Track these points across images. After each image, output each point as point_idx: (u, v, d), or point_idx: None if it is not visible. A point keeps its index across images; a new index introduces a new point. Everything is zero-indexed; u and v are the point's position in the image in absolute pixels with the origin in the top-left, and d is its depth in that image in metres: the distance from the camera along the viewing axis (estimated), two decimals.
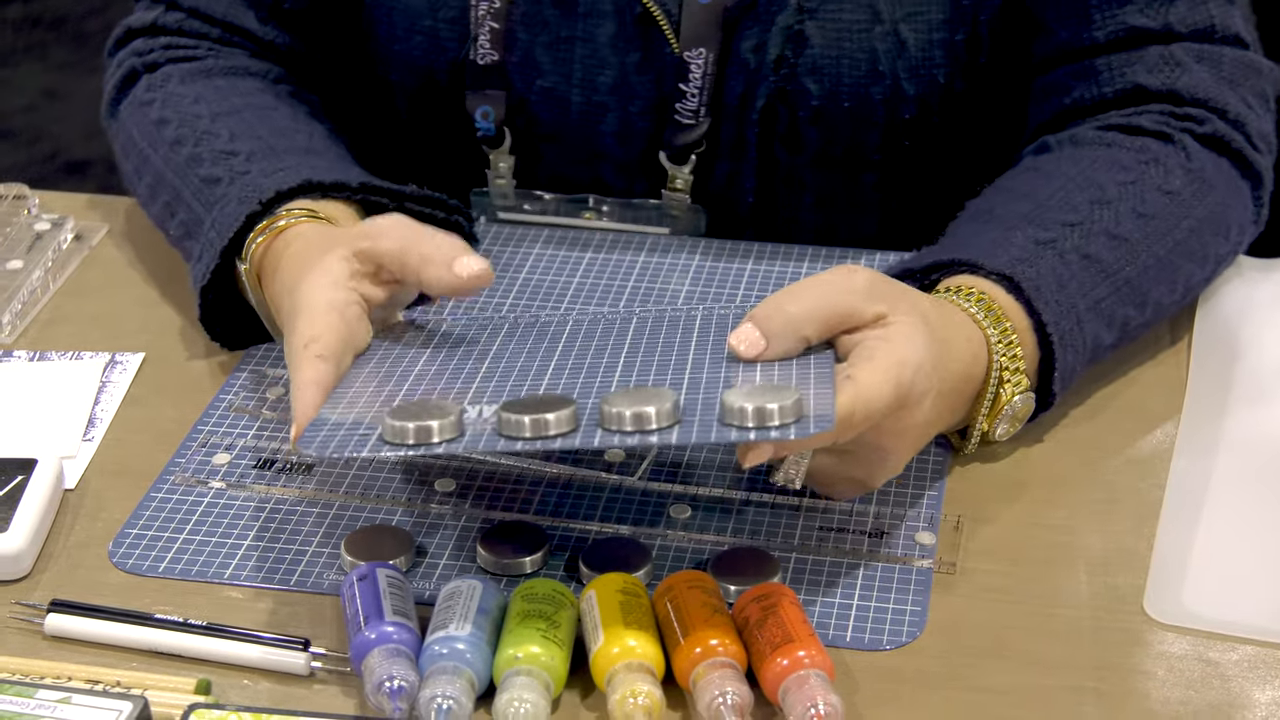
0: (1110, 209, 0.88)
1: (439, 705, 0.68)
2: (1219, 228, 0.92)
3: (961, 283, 0.83)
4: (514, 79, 1.00)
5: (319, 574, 0.78)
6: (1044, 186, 0.90)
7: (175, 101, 0.98)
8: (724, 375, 0.74)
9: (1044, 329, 0.82)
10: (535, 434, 0.70)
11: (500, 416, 0.70)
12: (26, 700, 0.68)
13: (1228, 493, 0.82)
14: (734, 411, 0.69)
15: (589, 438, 0.70)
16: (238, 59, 1.02)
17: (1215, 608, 0.75)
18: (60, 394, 0.91)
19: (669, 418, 0.70)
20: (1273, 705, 0.71)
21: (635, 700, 0.68)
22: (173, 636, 0.74)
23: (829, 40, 0.96)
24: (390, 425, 0.71)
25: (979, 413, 0.82)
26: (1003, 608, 0.76)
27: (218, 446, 0.86)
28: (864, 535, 0.79)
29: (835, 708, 0.67)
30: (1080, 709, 0.71)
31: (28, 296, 0.99)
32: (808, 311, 0.75)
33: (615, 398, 0.71)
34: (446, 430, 0.70)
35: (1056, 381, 0.83)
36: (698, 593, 0.72)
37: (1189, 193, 0.91)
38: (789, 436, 0.68)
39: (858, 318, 0.75)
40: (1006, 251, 0.84)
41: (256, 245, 0.87)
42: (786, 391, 0.70)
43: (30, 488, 0.80)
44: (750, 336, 0.75)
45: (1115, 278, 0.86)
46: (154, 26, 1.04)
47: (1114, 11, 0.95)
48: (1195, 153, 0.92)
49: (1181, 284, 0.91)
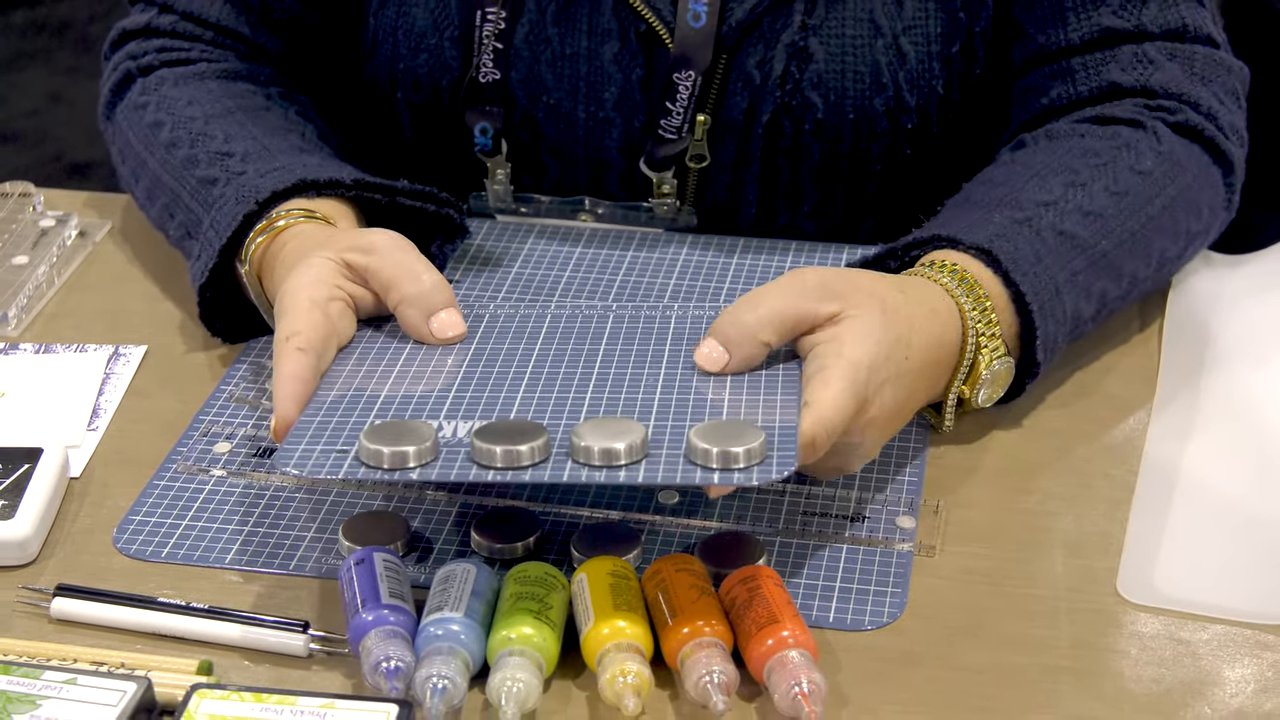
0: (1084, 189, 0.88)
1: (434, 685, 0.68)
2: (1190, 206, 0.93)
3: (937, 257, 0.84)
4: (518, 96, 1.00)
5: (318, 559, 0.78)
6: (1020, 174, 0.91)
7: (169, 104, 0.98)
8: (693, 398, 0.74)
9: (1022, 299, 0.82)
10: (507, 464, 0.70)
11: (474, 444, 0.71)
12: (33, 681, 0.68)
13: (1197, 478, 0.82)
14: (699, 452, 0.70)
15: (558, 471, 0.70)
16: (230, 62, 1.02)
17: (1186, 589, 0.76)
18: (65, 385, 0.90)
19: (637, 453, 0.70)
20: (1241, 683, 0.71)
21: (625, 679, 0.68)
22: (175, 619, 0.74)
23: (833, 54, 0.96)
24: (366, 448, 0.71)
25: (955, 381, 0.82)
26: (981, 589, 0.76)
27: (218, 436, 0.86)
28: (846, 519, 0.79)
29: (818, 685, 0.67)
30: (1056, 687, 0.71)
31: (33, 291, 0.98)
32: (763, 319, 0.76)
33: (585, 430, 0.71)
34: (423, 455, 0.71)
35: (1039, 350, 0.83)
36: (685, 575, 0.72)
37: (1160, 172, 0.91)
38: (751, 480, 0.69)
39: (812, 319, 0.76)
40: (984, 229, 0.85)
41: (256, 246, 0.87)
42: (751, 432, 0.70)
43: (36, 476, 0.80)
44: (713, 353, 0.76)
45: (1091, 251, 0.87)
46: (148, 29, 1.03)
47: (1088, 14, 0.95)
48: (1166, 137, 0.92)
49: (1156, 258, 0.91)
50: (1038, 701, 0.70)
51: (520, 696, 0.68)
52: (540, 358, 0.80)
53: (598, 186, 1.02)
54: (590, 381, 0.77)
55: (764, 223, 1.02)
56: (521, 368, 0.79)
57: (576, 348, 0.81)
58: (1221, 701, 0.70)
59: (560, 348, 0.81)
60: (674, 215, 1.01)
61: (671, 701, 0.70)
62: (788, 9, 0.96)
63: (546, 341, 0.81)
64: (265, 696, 0.68)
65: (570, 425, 0.73)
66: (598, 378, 0.78)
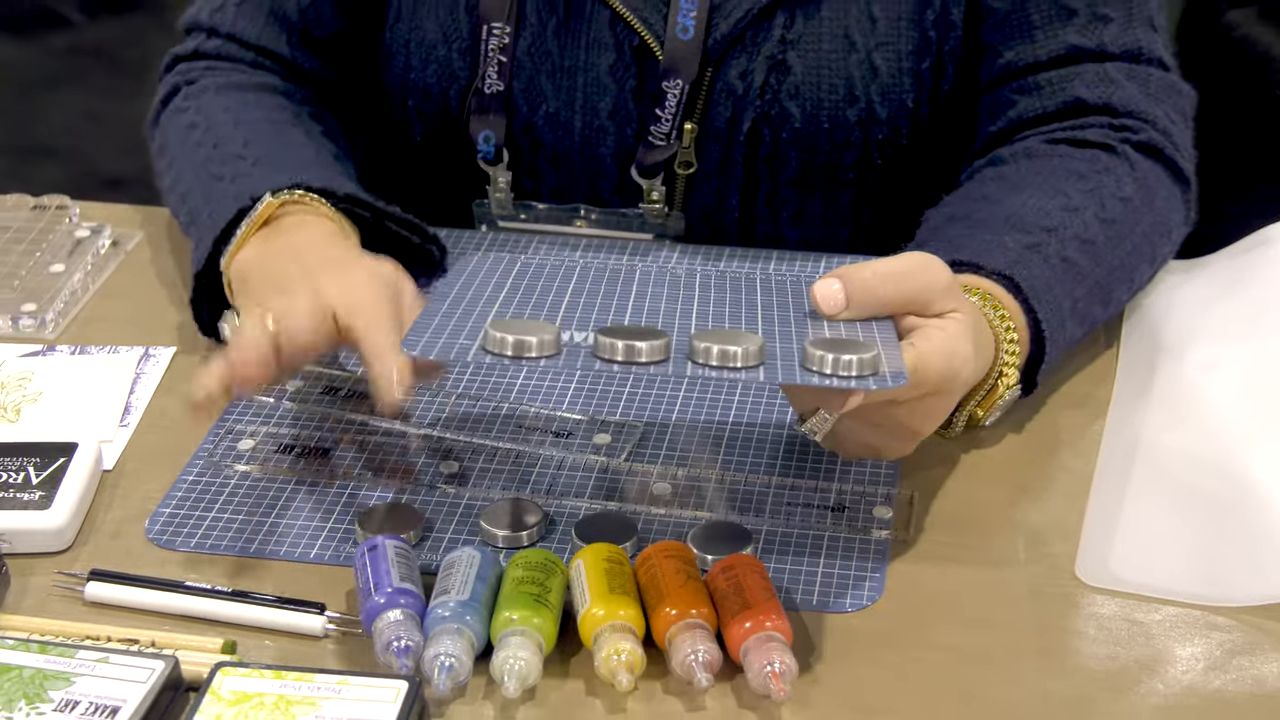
0: (1079, 215, 0.88)
1: (442, 663, 0.68)
2: (1163, 230, 0.93)
3: (968, 282, 0.82)
4: (519, 105, 1.00)
5: (335, 547, 0.78)
6: (1015, 194, 0.90)
7: (206, 109, 0.99)
8: (794, 328, 0.72)
9: (1038, 326, 0.82)
10: (628, 358, 0.67)
11: (596, 339, 0.68)
12: (68, 660, 0.69)
13: (1151, 471, 0.82)
14: (815, 359, 0.68)
15: (679, 368, 0.67)
16: (269, 79, 1.03)
17: (1140, 573, 0.76)
18: (99, 384, 0.91)
19: (755, 358, 0.68)
20: (1192, 660, 0.71)
21: (619, 658, 0.68)
22: (201, 602, 0.74)
23: (809, 68, 0.96)
24: (491, 334, 0.68)
25: (972, 400, 0.81)
26: (951, 575, 0.76)
27: (243, 433, 0.86)
28: (828, 510, 0.80)
29: (789, 666, 0.67)
30: (1020, 664, 0.71)
31: (69, 297, 0.99)
32: (893, 292, 0.73)
33: (705, 334, 0.69)
34: (546, 347, 0.68)
35: (1041, 373, 0.83)
36: (675, 562, 0.73)
37: (1139, 199, 0.91)
38: (869, 387, 0.67)
39: (930, 309, 0.74)
40: (1002, 254, 0.84)
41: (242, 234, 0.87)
42: (865, 346, 0.68)
43: (71, 469, 0.81)
44: (835, 296, 0.73)
45: (1089, 279, 0.86)
46: (196, 53, 1.05)
47: (1055, 32, 0.96)
48: (1138, 162, 0.93)
49: (1136, 283, 0.92)
50: (1004, 678, 0.70)
51: (521, 673, 0.68)
52: (654, 295, 0.77)
53: (593, 192, 1.02)
54: (705, 311, 0.74)
55: (747, 229, 1.03)
56: (638, 301, 0.76)
57: (686, 292, 0.77)
58: (1174, 678, 0.70)
59: (670, 290, 0.77)
60: (663, 220, 1.02)
61: (660, 678, 0.70)
62: (768, 23, 0.96)
63: (656, 283, 0.78)
64: (284, 673, 0.68)
65: (686, 338, 0.70)
66: (712, 311, 0.75)
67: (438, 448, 0.84)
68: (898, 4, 0.96)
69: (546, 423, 0.85)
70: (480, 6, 0.98)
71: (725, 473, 0.82)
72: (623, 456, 0.83)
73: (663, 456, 0.83)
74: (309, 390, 0.88)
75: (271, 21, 1.03)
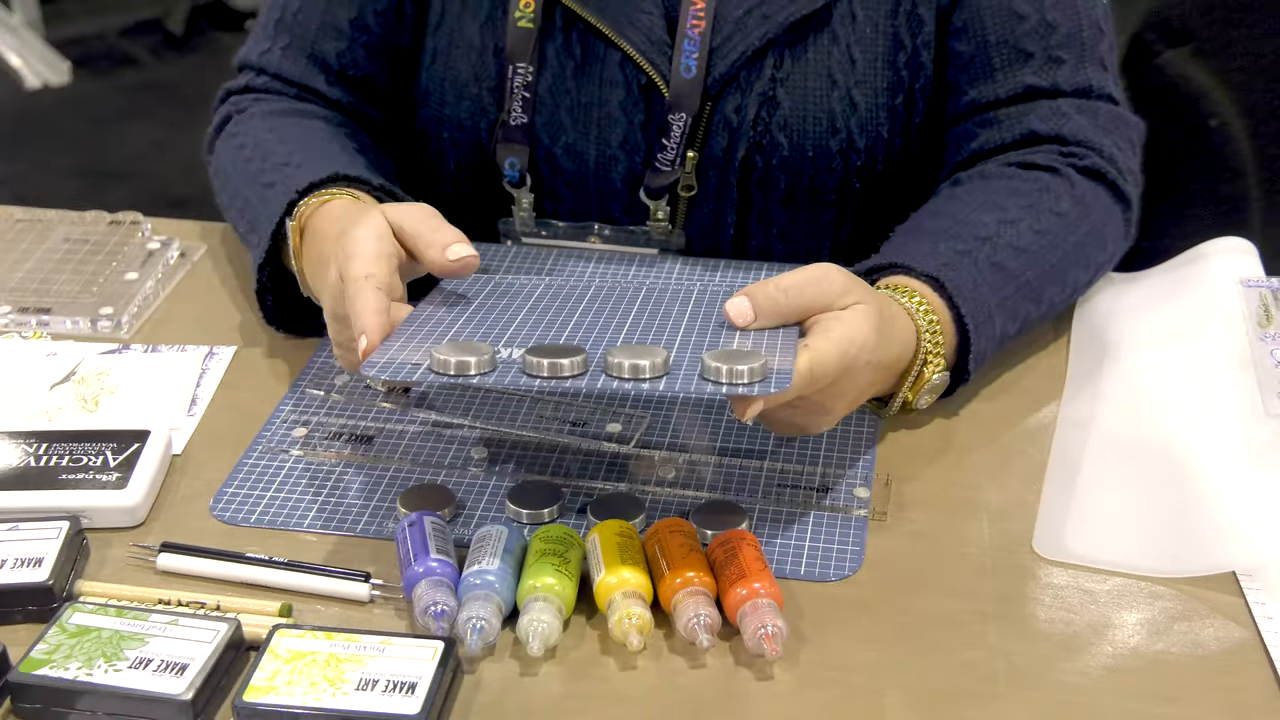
0: (1014, 226, 0.88)
1: (474, 625, 0.68)
2: (1098, 241, 0.93)
3: (898, 282, 0.84)
4: (541, 136, 1.00)
5: (379, 523, 0.78)
6: (960, 209, 0.91)
7: (254, 132, 0.99)
8: (708, 340, 0.73)
9: (962, 320, 0.83)
10: (551, 374, 0.69)
11: (525, 359, 0.69)
12: (142, 622, 0.69)
13: (1098, 456, 0.82)
14: (712, 370, 0.68)
15: (594, 381, 0.69)
16: (311, 107, 1.03)
17: (1090, 547, 0.76)
18: (168, 378, 0.91)
19: (660, 370, 0.69)
20: (1136, 625, 0.71)
21: (630, 620, 0.68)
22: (260, 571, 0.74)
23: (796, 103, 0.96)
24: (436, 358, 0.70)
25: (904, 385, 0.82)
26: (923, 548, 0.76)
27: (296, 422, 0.86)
28: (813, 490, 0.80)
29: (780, 629, 0.67)
30: (984, 627, 0.71)
31: (142, 301, 0.98)
32: (794, 303, 0.74)
33: (617, 350, 0.70)
34: (482, 366, 0.69)
35: (971, 363, 0.84)
36: (679, 536, 0.72)
37: (1075, 214, 0.91)
38: (753, 392, 0.68)
39: (832, 308, 0.75)
40: (933, 258, 0.85)
41: (307, 205, 0.87)
42: (755, 356, 0.69)
43: (145, 453, 0.80)
44: (744, 310, 0.74)
45: (1018, 280, 0.87)
46: (246, 87, 1.04)
47: (1013, 73, 0.96)
48: (1078, 182, 0.93)
49: (1070, 285, 0.92)
50: (969, 640, 0.70)
51: (544, 634, 0.68)
52: (581, 309, 0.78)
53: (605, 212, 1.02)
54: (624, 326, 0.76)
55: (740, 244, 1.03)
56: (567, 316, 0.77)
57: (613, 305, 0.79)
58: (1120, 641, 0.70)
59: (599, 305, 0.79)
60: (667, 237, 1.02)
61: (666, 639, 0.70)
62: (760, 64, 0.96)
63: (591, 300, 0.80)
64: (334, 634, 0.68)
65: (604, 353, 0.71)
66: (629, 324, 0.76)
67: (469, 436, 0.84)
68: (874, 47, 0.96)
69: (564, 414, 0.85)
70: (507, 50, 0.98)
71: (723, 458, 0.82)
72: (632, 443, 0.82)
73: (667, 443, 0.83)
74: (354, 385, 0.88)
75: (311, 63, 1.02)
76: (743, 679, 0.68)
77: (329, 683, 0.65)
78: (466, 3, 1.00)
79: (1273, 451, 0.80)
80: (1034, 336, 0.94)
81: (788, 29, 0.95)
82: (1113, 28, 0.99)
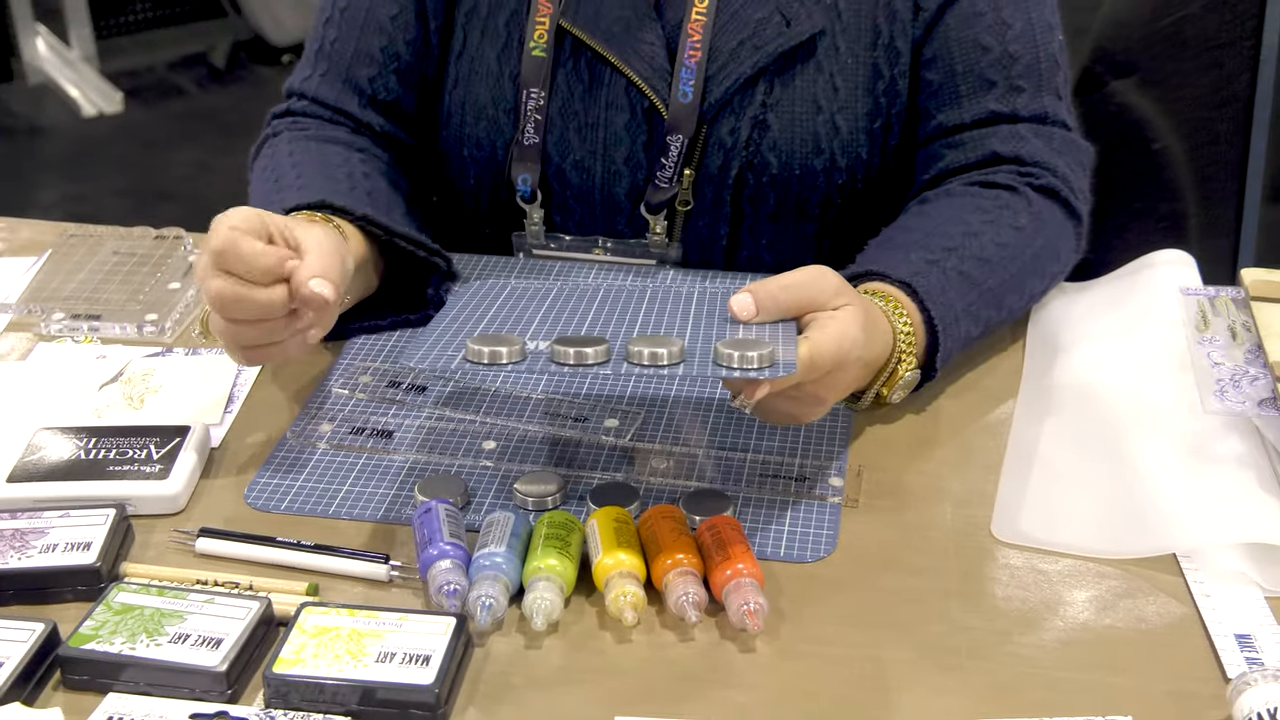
0: (977, 239, 0.88)
1: (483, 603, 0.67)
2: (1052, 253, 0.93)
3: (876, 287, 0.84)
4: (551, 155, 0.99)
5: (397, 510, 0.77)
6: (927, 223, 0.91)
7: (278, 155, 0.99)
8: (714, 333, 0.73)
9: (933, 323, 0.82)
10: (578, 362, 0.68)
11: (553, 348, 0.69)
12: (181, 600, 0.68)
13: (1051, 449, 0.82)
14: (725, 356, 0.68)
15: (618, 367, 0.68)
16: (338, 133, 1.02)
17: (1043, 531, 0.75)
18: (207, 379, 0.90)
19: (677, 357, 0.69)
20: (1086, 603, 0.71)
21: (625, 598, 0.68)
22: (289, 554, 0.73)
23: (784, 126, 0.96)
24: (471, 348, 0.69)
25: (879, 381, 0.82)
26: (891, 532, 0.76)
27: (323, 418, 0.85)
28: (793, 480, 0.79)
29: (762, 606, 0.67)
30: (947, 603, 0.70)
31: (183, 309, 0.98)
32: (792, 299, 0.74)
33: (637, 340, 0.69)
34: (514, 355, 0.69)
35: (939, 362, 0.83)
36: (670, 521, 0.72)
37: (1032, 229, 0.91)
38: (763, 376, 0.68)
39: (825, 307, 0.75)
40: (906, 266, 0.85)
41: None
42: (763, 344, 0.69)
43: (185, 447, 0.80)
44: (747, 304, 0.74)
45: (981, 288, 0.86)
46: (288, 111, 1.05)
47: (977, 100, 0.95)
48: (1034, 200, 0.92)
49: (1026, 293, 0.91)
50: (934, 616, 0.70)
51: (547, 611, 0.68)
52: (594, 308, 0.78)
53: (609, 224, 1.02)
54: (636, 319, 0.75)
55: (731, 255, 1.02)
56: (583, 313, 0.77)
57: (630, 305, 0.78)
58: (1071, 617, 0.70)
59: (610, 304, 0.78)
60: (664, 249, 1.02)
61: (658, 615, 0.69)
62: (752, 90, 0.96)
63: (599, 300, 0.79)
64: (356, 611, 0.67)
65: (625, 342, 0.71)
66: (646, 319, 0.76)
67: (480, 431, 0.84)
68: (855, 76, 0.96)
69: (567, 409, 0.85)
70: (521, 76, 0.98)
71: (710, 450, 0.81)
72: (628, 437, 0.82)
73: (660, 437, 0.83)
74: (376, 385, 0.87)
75: (346, 88, 1.02)
76: (727, 651, 0.67)
77: (351, 655, 0.64)
78: (486, 33, 1.00)
79: (1209, 444, 0.80)
80: (994, 340, 0.93)
81: (777, 59, 0.95)
82: (1067, 60, 0.99)
